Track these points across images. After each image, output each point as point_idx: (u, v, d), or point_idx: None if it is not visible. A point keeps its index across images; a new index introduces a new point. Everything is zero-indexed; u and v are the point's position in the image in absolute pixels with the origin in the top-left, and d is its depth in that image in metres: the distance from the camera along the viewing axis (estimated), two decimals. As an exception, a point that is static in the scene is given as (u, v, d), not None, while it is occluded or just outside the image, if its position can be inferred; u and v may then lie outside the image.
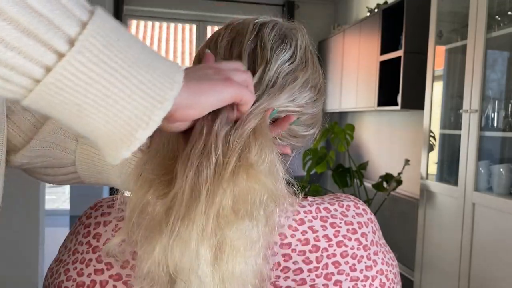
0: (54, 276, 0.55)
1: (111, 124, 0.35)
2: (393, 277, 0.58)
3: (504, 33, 2.18)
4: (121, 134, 0.35)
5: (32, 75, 0.31)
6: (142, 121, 0.35)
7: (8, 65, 0.30)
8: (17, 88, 0.32)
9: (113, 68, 0.34)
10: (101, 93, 0.34)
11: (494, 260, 2.15)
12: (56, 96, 0.33)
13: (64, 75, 0.32)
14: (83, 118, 0.35)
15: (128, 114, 0.35)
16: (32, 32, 0.30)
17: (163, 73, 0.36)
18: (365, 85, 3.72)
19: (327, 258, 0.54)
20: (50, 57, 0.31)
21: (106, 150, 0.36)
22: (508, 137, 2.31)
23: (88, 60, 0.32)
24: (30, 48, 0.31)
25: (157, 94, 0.36)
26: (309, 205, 0.57)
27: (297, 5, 4.81)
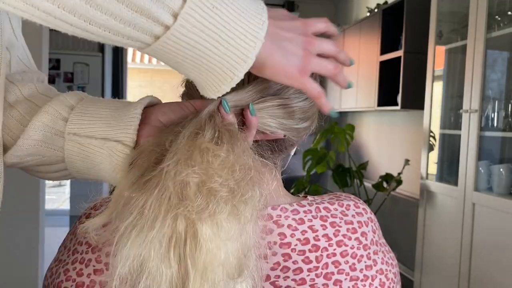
0: (53, 276, 0.55)
1: (204, 77, 0.44)
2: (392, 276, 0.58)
3: (504, 33, 2.18)
4: (213, 83, 0.44)
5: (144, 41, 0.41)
6: (228, 76, 0.43)
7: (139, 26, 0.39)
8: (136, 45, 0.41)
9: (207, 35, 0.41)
10: (197, 55, 0.42)
11: (494, 260, 2.15)
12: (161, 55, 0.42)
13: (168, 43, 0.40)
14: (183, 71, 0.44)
15: (218, 71, 0.43)
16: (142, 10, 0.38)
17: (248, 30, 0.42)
18: (365, 85, 3.72)
19: (327, 257, 0.54)
20: (157, 29, 0.40)
21: (200, 89, 0.46)
22: (508, 137, 2.31)
23: (188, 31, 0.40)
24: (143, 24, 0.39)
25: (242, 54, 0.42)
26: (308, 204, 0.57)
27: (297, 5, 4.81)
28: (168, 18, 0.39)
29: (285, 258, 0.52)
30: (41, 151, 0.58)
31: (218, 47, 0.41)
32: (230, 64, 0.42)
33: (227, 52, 0.42)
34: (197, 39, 0.40)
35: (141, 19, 0.39)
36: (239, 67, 0.43)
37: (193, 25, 0.40)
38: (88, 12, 0.37)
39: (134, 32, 0.39)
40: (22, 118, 0.58)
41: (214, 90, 0.45)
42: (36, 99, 0.60)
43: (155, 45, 0.41)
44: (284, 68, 0.46)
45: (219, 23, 0.41)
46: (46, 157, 0.58)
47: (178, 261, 0.42)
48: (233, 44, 0.42)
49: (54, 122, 0.57)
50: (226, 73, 0.43)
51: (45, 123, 0.57)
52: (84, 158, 0.57)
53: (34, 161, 0.59)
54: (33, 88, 0.61)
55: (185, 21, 0.39)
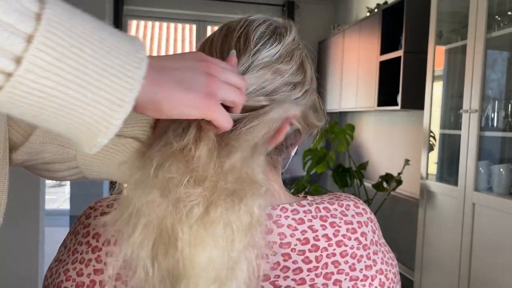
0: (53, 276, 0.55)
1: (72, 131, 0.36)
2: (392, 276, 0.58)
3: (504, 33, 2.18)
4: (85, 137, 0.36)
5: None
6: (102, 126, 0.36)
7: None
8: None
9: (66, 80, 0.33)
10: (55, 105, 0.34)
11: (494, 260, 2.15)
12: (13, 109, 0.33)
13: (15, 93, 0.32)
14: (45, 124, 0.35)
15: (88, 121, 0.35)
16: None
17: (121, 70, 0.35)
18: (365, 85, 3.72)
19: (326, 257, 0.54)
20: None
21: (76, 145, 0.38)
22: (508, 137, 2.31)
23: (38, 76, 0.32)
24: None
25: (116, 98, 0.35)
26: (308, 204, 0.57)
27: (297, 5, 4.81)
28: (8, 63, 0.31)
29: (285, 258, 0.52)
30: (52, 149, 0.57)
31: (84, 93, 0.34)
32: (102, 111, 0.35)
33: (96, 98, 0.34)
34: (54, 85, 0.33)
35: None
36: (114, 114, 0.35)
37: (44, 69, 0.32)
38: None
39: None
40: None
41: (89, 144, 0.37)
42: None
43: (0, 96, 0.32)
44: (185, 98, 0.40)
45: (81, 64, 0.33)
46: (57, 154, 0.58)
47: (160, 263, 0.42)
48: (103, 87, 0.34)
49: None
50: (99, 123, 0.35)
51: None
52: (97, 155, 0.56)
53: (44, 159, 0.58)
54: None
55: (32, 65, 0.31)
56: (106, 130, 0.36)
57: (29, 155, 0.57)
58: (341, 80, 4.28)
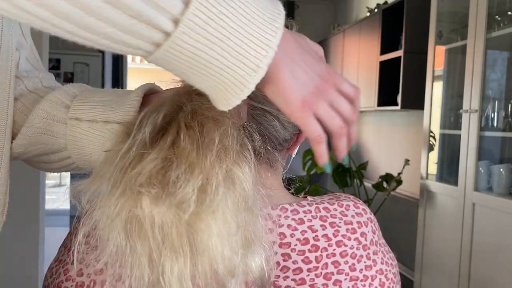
0: (53, 276, 0.55)
1: (212, 89, 0.40)
2: (392, 276, 0.58)
3: (504, 33, 2.18)
4: (222, 95, 0.40)
5: (145, 49, 0.37)
6: (238, 88, 0.39)
7: (138, 33, 0.36)
8: (138, 53, 0.38)
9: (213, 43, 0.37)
10: (203, 65, 0.38)
11: (494, 260, 2.15)
12: (166, 65, 0.39)
13: (170, 51, 0.37)
14: (190, 80, 0.40)
15: (226, 82, 0.39)
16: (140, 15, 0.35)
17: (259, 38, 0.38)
18: (365, 85, 3.72)
19: (326, 257, 0.54)
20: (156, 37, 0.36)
21: (218, 100, 0.41)
22: (508, 137, 2.31)
23: (190, 38, 0.36)
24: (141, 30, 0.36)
25: (252, 63, 0.38)
26: (308, 204, 0.57)
27: (297, 5, 4.81)
28: (168, 24, 0.35)
29: (285, 258, 0.52)
30: (44, 139, 0.58)
31: (226, 56, 0.38)
32: (239, 74, 0.38)
33: (235, 62, 0.38)
34: (202, 47, 0.37)
35: (139, 26, 0.35)
36: (249, 78, 0.39)
37: (196, 32, 0.36)
38: (82, 19, 0.34)
39: (133, 39, 0.36)
40: (25, 109, 0.59)
41: (224, 102, 0.41)
42: (40, 91, 0.61)
43: (157, 53, 0.37)
44: (289, 91, 0.42)
45: (226, 30, 0.37)
46: (49, 145, 0.59)
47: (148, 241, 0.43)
48: (242, 52, 0.38)
49: (56, 110, 0.58)
50: (236, 84, 0.39)
51: (47, 111, 0.58)
52: (86, 143, 0.57)
53: (37, 151, 0.60)
54: (38, 82, 0.62)
55: (187, 27, 0.36)
56: (240, 92, 0.39)
57: (23, 148, 0.59)
58: (341, 80, 4.27)
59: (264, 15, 0.39)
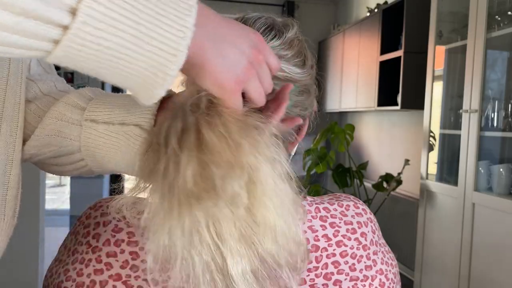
0: (53, 276, 0.55)
1: (129, 83, 0.36)
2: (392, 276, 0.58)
3: (504, 33, 2.18)
4: (142, 89, 0.36)
5: (51, 37, 0.32)
6: (159, 77, 0.35)
7: (27, 31, 0.31)
8: (37, 54, 0.33)
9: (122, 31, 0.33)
10: (111, 57, 0.34)
11: (494, 260, 2.15)
12: (71, 63, 0.34)
13: (73, 47, 0.32)
14: (102, 77, 0.36)
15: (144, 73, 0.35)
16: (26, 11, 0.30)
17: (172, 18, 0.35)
18: (365, 85, 3.72)
19: (326, 257, 0.54)
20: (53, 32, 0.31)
21: (140, 95, 0.38)
22: (508, 137, 2.31)
23: (94, 28, 0.32)
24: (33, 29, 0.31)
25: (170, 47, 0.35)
26: (308, 205, 0.57)
27: (297, 5, 4.81)
28: (63, 16, 0.31)
29: (285, 258, 0.52)
30: (57, 141, 0.58)
31: (138, 43, 0.33)
32: (157, 62, 0.35)
33: (150, 48, 0.34)
34: (108, 36, 0.32)
35: (28, 23, 0.30)
36: (169, 64, 0.35)
37: (99, 20, 0.32)
38: None
39: (23, 39, 0.31)
40: (39, 111, 0.58)
41: (145, 96, 0.37)
42: (54, 94, 0.60)
43: (57, 51, 0.32)
44: (218, 73, 0.39)
45: (134, 14, 0.33)
46: (62, 147, 0.58)
47: (208, 245, 0.41)
48: (156, 37, 0.34)
49: (71, 111, 0.58)
50: (156, 73, 0.35)
51: (61, 112, 0.58)
52: (101, 145, 0.57)
53: (50, 153, 0.59)
54: (52, 85, 0.62)
55: (87, 16, 0.31)
56: (162, 81, 0.36)
57: (36, 149, 0.58)
58: (341, 80, 4.28)
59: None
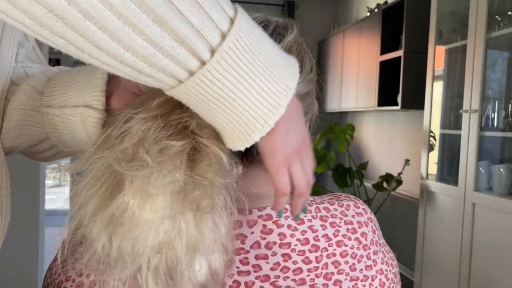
0: (53, 276, 0.55)
1: (231, 124, 0.41)
2: (392, 276, 0.58)
3: (504, 33, 2.17)
4: (240, 131, 0.41)
5: (178, 77, 0.38)
6: (259, 123, 0.41)
7: (160, 67, 0.36)
8: (164, 85, 0.39)
9: (242, 77, 0.39)
10: (229, 98, 0.39)
11: (494, 260, 2.15)
12: (192, 96, 0.39)
13: (202, 80, 0.37)
14: (210, 115, 0.41)
15: (248, 116, 0.40)
16: (183, 41, 0.35)
17: (280, 79, 0.41)
18: (365, 85, 3.72)
19: (326, 257, 0.54)
20: (193, 64, 0.37)
21: (226, 140, 0.43)
22: (508, 137, 2.31)
23: (223, 69, 0.38)
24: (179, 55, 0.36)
25: (274, 101, 0.40)
26: (308, 204, 0.57)
27: (297, 5, 4.81)
28: (206, 52, 0.37)
29: (285, 258, 0.52)
30: (26, 130, 0.58)
31: (251, 90, 0.39)
32: (261, 111, 0.40)
33: (259, 98, 0.40)
34: (232, 79, 0.38)
35: (181, 50, 0.36)
36: (271, 115, 0.40)
37: (228, 64, 0.38)
38: (130, 37, 0.34)
39: (171, 64, 0.36)
40: (7, 102, 0.58)
41: (243, 139, 0.42)
42: (20, 80, 0.60)
43: (188, 82, 0.38)
44: (278, 145, 0.44)
45: (254, 67, 0.39)
46: (34, 135, 0.58)
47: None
48: (266, 90, 0.40)
49: (32, 99, 0.57)
50: (257, 120, 0.40)
51: (22, 101, 0.57)
52: (63, 129, 0.56)
53: (25, 143, 0.59)
54: (22, 71, 0.61)
55: (222, 58, 0.37)
56: (261, 127, 0.41)
57: (10, 141, 0.58)
58: (341, 80, 4.27)
59: (284, 61, 0.42)
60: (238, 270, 0.51)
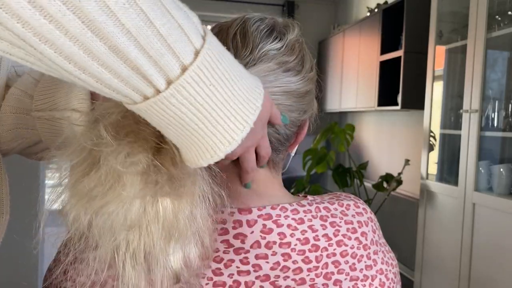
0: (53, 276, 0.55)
1: (195, 143, 0.41)
2: (392, 276, 0.58)
3: (504, 33, 2.17)
4: (206, 149, 0.41)
5: (133, 99, 0.38)
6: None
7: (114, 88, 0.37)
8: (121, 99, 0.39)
9: (197, 110, 0.39)
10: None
11: (494, 260, 2.15)
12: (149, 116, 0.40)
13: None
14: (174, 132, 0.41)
15: (215, 133, 0.41)
16: (138, 70, 0.35)
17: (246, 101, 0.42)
18: (365, 85, 3.72)
19: (326, 257, 0.53)
20: (148, 91, 0.37)
21: (187, 157, 0.43)
22: (508, 137, 2.31)
23: (178, 102, 0.38)
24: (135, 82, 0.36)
25: (241, 118, 0.41)
26: (308, 204, 0.57)
27: (297, 5, 4.81)
28: (162, 83, 0.37)
29: (285, 258, 0.52)
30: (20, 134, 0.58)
31: (206, 124, 0.40)
32: (213, 142, 0.41)
33: (213, 131, 0.40)
34: (185, 111, 0.39)
35: (136, 78, 0.36)
36: (222, 148, 0.41)
37: (184, 97, 0.38)
38: (85, 62, 0.34)
39: (126, 88, 0.37)
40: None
41: (192, 161, 0.43)
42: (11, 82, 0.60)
43: (141, 105, 0.38)
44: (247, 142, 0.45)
45: (213, 101, 0.39)
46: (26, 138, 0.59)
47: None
48: (222, 124, 0.40)
49: (22, 102, 0.58)
50: (208, 150, 0.41)
51: (13, 106, 0.58)
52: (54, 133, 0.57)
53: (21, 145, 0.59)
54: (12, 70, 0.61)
55: (177, 91, 0.37)
56: (210, 158, 0.42)
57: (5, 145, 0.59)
58: (341, 80, 4.27)
59: (249, 93, 0.42)
60: (238, 270, 0.51)
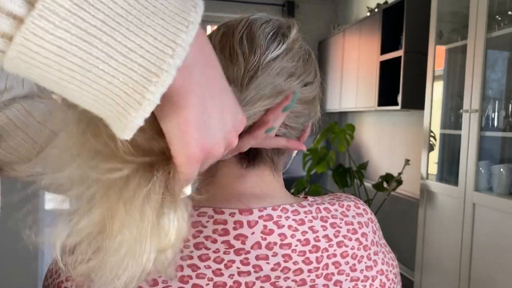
0: (53, 276, 0.55)
1: (99, 105, 0.27)
2: (393, 277, 0.58)
3: (504, 33, 2.17)
4: (113, 115, 0.27)
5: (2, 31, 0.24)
6: (133, 99, 0.26)
7: None
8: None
9: (89, 34, 0.25)
10: (77, 67, 0.25)
11: (494, 260, 2.15)
12: (28, 70, 0.26)
13: (28, 46, 0.24)
14: (68, 94, 0.27)
15: (116, 91, 0.26)
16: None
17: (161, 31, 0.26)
18: (365, 85, 3.72)
19: (327, 258, 0.53)
20: (7, 23, 0.24)
21: (113, 123, 0.28)
22: (508, 137, 2.31)
23: (54, 26, 0.24)
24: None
25: (152, 64, 0.26)
26: (309, 205, 0.57)
27: (297, 5, 4.80)
28: (18, 4, 0.24)
29: (286, 258, 0.52)
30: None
31: (111, 52, 0.25)
32: (134, 80, 0.26)
33: (126, 61, 0.26)
34: (73, 39, 0.25)
35: None
36: (148, 85, 0.26)
37: (62, 17, 0.24)
38: None
39: None
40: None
41: (119, 124, 0.27)
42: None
43: (11, 52, 0.25)
44: (192, 131, 0.30)
45: (109, 16, 0.25)
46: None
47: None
48: (135, 48, 0.26)
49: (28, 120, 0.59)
50: (130, 95, 0.26)
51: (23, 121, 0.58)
52: None
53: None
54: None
55: (47, 9, 0.24)
56: (138, 106, 0.26)
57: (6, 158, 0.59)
58: (341, 80, 4.27)
59: (171, 5, 0.27)
60: (238, 271, 0.51)
